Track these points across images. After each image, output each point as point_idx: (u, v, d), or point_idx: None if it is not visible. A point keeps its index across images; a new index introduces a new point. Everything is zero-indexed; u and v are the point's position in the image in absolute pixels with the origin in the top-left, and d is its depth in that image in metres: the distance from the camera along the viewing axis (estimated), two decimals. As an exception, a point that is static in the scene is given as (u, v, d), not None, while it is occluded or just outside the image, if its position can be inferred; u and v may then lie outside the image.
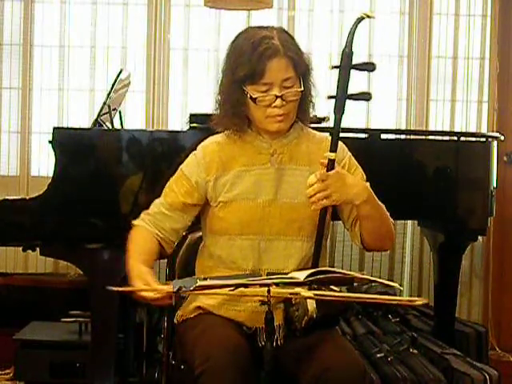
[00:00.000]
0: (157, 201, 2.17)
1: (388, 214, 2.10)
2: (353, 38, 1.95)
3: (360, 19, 1.94)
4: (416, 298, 1.70)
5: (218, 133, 2.19)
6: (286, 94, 2.01)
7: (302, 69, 2.05)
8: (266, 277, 1.82)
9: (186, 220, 2.15)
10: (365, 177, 2.16)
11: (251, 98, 2.02)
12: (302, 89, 2.05)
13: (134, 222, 2.16)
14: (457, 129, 4.39)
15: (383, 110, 4.39)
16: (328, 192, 1.94)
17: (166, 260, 2.30)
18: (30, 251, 2.82)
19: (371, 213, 2.04)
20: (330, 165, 1.97)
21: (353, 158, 2.17)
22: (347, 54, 1.95)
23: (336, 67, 1.97)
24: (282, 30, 2.10)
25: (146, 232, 2.12)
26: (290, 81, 2.03)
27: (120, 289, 1.89)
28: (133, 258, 2.02)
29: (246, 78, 2.01)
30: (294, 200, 2.08)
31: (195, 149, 2.18)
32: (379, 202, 2.08)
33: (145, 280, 1.89)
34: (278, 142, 2.12)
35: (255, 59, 1.99)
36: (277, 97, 2.01)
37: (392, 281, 1.82)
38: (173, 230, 2.14)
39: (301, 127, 2.16)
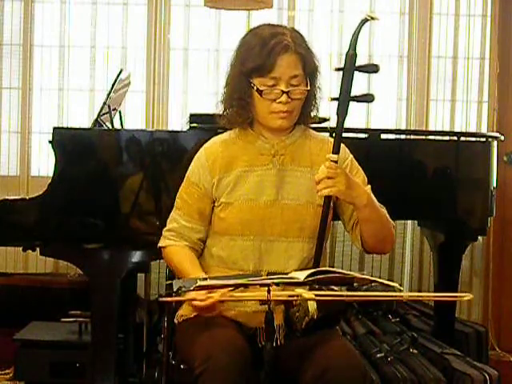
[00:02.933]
0: (173, 215, 2.17)
1: (388, 216, 2.11)
2: (357, 41, 1.93)
3: (364, 21, 1.93)
4: (463, 294, 1.71)
5: (220, 133, 2.19)
6: (292, 90, 2.02)
7: (310, 68, 2.06)
8: (266, 277, 1.83)
9: (206, 228, 2.16)
10: (366, 180, 2.16)
11: (257, 90, 2.02)
12: (309, 88, 2.05)
13: (161, 244, 2.18)
14: (457, 129, 4.39)
15: (383, 110, 4.39)
16: (334, 181, 1.94)
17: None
18: (30, 251, 2.82)
19: (371, 216, 2.04)
20: None
21: (354, 161, 2.17)
22: (351, 56, 1.94)
23: (339, 69, 1.95)
24: (294, 29, 2.12)
25: (178, 247, 2.14)
26: (298, 79, 2.03)
27: (172, 299, 1.90)
28: (190, 272, 2.03)
29: (254, 70, 2.02)
30: (296, 201, 2.09)
31: (197, 150, 2.18)
32: (380, 205, 2.08)
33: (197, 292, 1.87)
34: (280, 142, 2.12)
35: (265, 53, 1.99)
36: (283, 92, 2.01)
37: (392, 281, 1.82)
38: (198, 239, 2.16)
39: (303, 129, 2.16)
